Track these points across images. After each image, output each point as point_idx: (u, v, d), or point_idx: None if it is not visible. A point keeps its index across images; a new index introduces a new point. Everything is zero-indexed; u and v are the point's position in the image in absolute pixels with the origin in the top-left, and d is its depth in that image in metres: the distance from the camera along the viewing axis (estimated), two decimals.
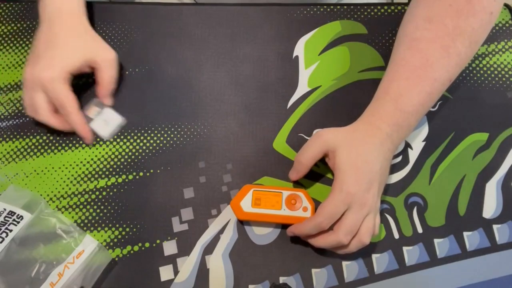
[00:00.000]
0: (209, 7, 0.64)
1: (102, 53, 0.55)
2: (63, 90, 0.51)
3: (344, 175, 0.46)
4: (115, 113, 0.56)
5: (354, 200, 0.45)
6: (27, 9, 0.64)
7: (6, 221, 0.49)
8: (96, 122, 0.55)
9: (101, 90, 0.56)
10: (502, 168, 0.55)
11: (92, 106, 0.56)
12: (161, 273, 0.50)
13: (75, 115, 0.53)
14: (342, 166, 0.46)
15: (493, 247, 0.51)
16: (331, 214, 0.45)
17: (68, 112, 0.52)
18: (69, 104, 0.52)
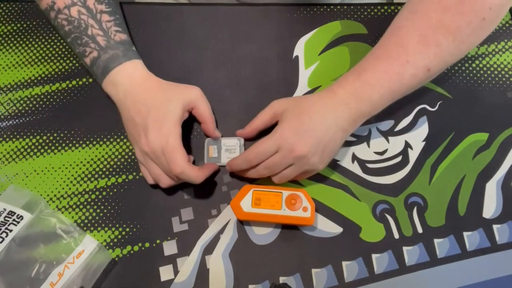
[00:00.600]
0: (209, 7, 0.64)
1: (191, 93, 0.52)
2: (181, 160, 0.48)
3: (283, 122, 0.49)
4: (230, 139, 0.55)
5: (285, 144, 0.47)
6: (27, 9, 0.64)
7: (6, 221, 0.49)
8: (223, 158, 0.54)
9: (208, 125, 0.53)
10: (502, 168, 0.55)
11: (209, 148, 0.55)
12: (161, 273, 0.50)
13: (203, 176, 0.50)
14: (285, 116, 0.49)
15: (493, 247, 0.51)
16: (260, 151, 0.48)
17: (195, 178, 0.49)
18: (192, 175, 0.48)
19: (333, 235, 0.52)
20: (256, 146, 0.49)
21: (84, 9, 0.52)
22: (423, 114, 0.57)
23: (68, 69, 0.60)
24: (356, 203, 0.53)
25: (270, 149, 0.48)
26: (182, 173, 0.47)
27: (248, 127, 0.54)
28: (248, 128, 0.54)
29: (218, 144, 0.55)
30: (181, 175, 0.47)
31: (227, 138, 0.55)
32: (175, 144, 0.48)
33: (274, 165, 0.48)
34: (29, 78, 0.60)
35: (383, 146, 0.56)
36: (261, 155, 0.48)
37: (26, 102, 0.59)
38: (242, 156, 0.50)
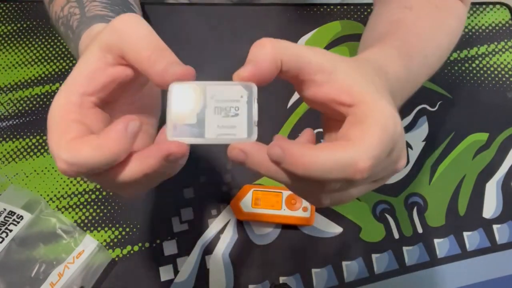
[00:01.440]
0: (209, 7, 0.64)
1: (109, 32, 0.41)
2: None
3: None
4: (224, 85, 0.27)
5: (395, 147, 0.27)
6: (27, 9, 0.64)
7: (6, 221, 0.49)
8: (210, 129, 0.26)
9: (147, 65, 0.31)
10: (502, 168, 0.55)
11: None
12: (161, 273, 0.50)
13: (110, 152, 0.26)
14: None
15: (493, 247, 0.51)
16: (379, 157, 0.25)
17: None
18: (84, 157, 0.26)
19: (333, 235, 0.52)
20: (375, 141, 0.24)
21: (75, 3, 0.45)
22: (423, 114, 0.57)
23: (68, 69, 0.60)
24: (356, 203, 0.53)
25: (384, 163, 0.26)
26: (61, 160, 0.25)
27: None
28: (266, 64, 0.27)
29: (198, 93, 0.26)
30: (66, 167, 0.25)
31: (218, 83, 0.26)
32: (52, 108, 0.26)
33: (376, 184, 0.29)
34: (29, 78, 0.60)
35: None
36: (382, 160, 0.25)
37: (26, 102, 0.59)
38: (317, 160, 0.24)
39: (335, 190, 0.26)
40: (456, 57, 0.60)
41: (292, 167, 0.24)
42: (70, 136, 0.25)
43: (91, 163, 0.24)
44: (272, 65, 0.27)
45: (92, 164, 0.24)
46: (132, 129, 0.25)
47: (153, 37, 0.28)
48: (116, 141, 0.24)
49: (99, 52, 0.27)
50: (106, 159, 0.24)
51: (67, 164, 0.25)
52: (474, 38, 0.62)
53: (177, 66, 0.26)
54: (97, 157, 0.24)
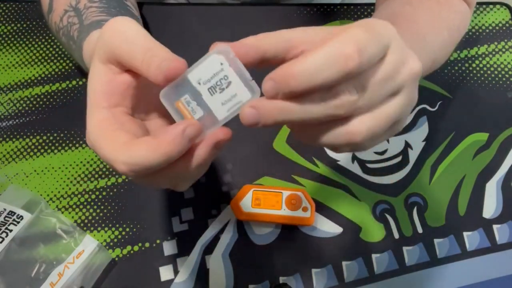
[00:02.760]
0: (209, 7, 0.64)
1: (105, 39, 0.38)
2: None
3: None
4: (206, 61, 0.27)
5: (394, 46, 0.25)
6: (27, 9, 0.64)
7: (6, 221, 0.49)
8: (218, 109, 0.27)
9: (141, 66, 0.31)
10: (502, 168, 0.55)
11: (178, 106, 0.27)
12: (161, 273, 0.50)
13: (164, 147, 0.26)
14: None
15: (493, 247, 0.51)
16: (370, 40, 0.24)
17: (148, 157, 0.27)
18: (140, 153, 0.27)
19: (333, 235, 0.52)
20: (355, 31, 0.23)
21: (72, 12, 0.46)
22: (423, 114, 0.57)
23: (68, 69, 0.60)
24: (356, 203, 0.53)
25: (383, 40, 0.24)
26: (121, 164, 0.26)
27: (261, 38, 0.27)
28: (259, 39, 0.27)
29: (187, 86, 0.26)
30: (130, 170, 0.26)
31: (194, 65, 0.27)
32: (91, 129, 0.29)
33: (380, 82, 0.25)
34: (29, 78, 0.60)
35: (383, 146, 0.56)
36: (374, 43, 0.24)
37: (26, 102, 0.59)
38: (325, 49, 0.23)
39: (348, 106, 0.24)
40: (456, 57, 0.60)
41: (286, 85, 0.23)
42: (122, 141, 0.26)
43: (148, 162, 0.25)
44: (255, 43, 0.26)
45: (149, 163, 0.25)
46: (189, 133, 0.25)
47: (141, 38, 0.27)
48: (172, 143, 0.25)
49: (102, 65, 0.28)
50: (161, 159, 0.25)
51: (125, 164, 0.25)
52: (474, 38, 0.62)
53: (166, 63, 0.26)
54: (153, 156, 0.25)
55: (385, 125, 0.26)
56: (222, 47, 0.25)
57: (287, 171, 0.54)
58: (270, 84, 0.24)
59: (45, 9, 0.50)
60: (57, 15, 0.47)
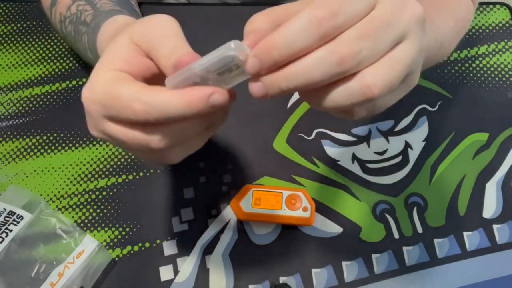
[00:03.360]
0: (209, 7, 0.64)
1: (144, 25, 0.36)
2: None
3: None
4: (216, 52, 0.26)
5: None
6: (27, 9, 0.64)
7: (6, 221, 0.49)
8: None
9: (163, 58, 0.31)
10: (502, 168, 0.55)
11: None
12: (161, 273, 0.50)
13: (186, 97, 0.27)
14: None
15: (493, 247, 0.51)
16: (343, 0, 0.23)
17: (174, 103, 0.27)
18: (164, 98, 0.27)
19: (333, 235, 0.52)
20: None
21: (83, 1, 0.47)
22: (423, 114, 0.57)
23: (68, 69, 0.60)
24: (356, 203, 0.53)
25: (353, 6, 0.24)
26: (140, 102, 0.26)
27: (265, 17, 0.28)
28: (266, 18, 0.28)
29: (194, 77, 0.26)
30: (146, 111, 0.26)
31: (203, 61, 0.25)
32: (101, 81, 0.28)
33: (380, 26, 0.24)
34: (29, 78, 0.60)
35: (383, 146, 0.56)
36: (348, 1, 0.23)
37: (26, 102, 0.59)
38: (299, 16, 0.23)
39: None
40: (456, 57, 0.60)
41: (270, 57, 0.24)
42: (143, 85, 0.27)
43: (167, 107, 0.25)
44: (270, 26, 0.27)
45: (168, 108, 0.25)
46: (213, 100, 0.26)
47: (177, 37, 0.29)
48: (196, 99, 0.25)
49: (132, 44, 0.29)
50: (182, 109, 0.25)
51: (144, 104, 0.25)
52: (474, 38, 0.62)
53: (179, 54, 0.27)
54: (175, 103, 0.25)
55: (399, 72, 0.25)
56: (231, 45, 0.25)
57: (287, 171, 0.54)
58: (252, 61, 0.24)
59: (46, 3, 0.50)
60: (63, 6, 0.48)
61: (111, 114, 0.28)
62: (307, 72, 0.24)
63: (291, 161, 0.55)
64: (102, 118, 0.29)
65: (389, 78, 0.24)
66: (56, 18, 0.50)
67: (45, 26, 0.63)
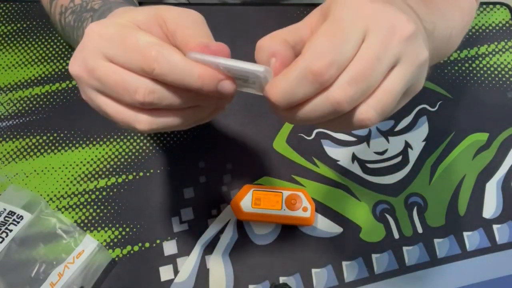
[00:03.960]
0: (209, 7, 0.64)
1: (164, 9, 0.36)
2: None
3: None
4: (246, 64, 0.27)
5: (376, 21, 0.25)
6: (27, 9, 0.64)
7: (6, 221, 0.49)
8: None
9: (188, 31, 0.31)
10: (502, 168, 0.55)
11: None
12: (161, 273, 0.50)
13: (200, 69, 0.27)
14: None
15: (493, 247, 0.51)
16: (334, 44, 0.24)
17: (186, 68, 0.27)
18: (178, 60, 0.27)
19: (333, 235, 0.52)
20: (319, 42, 0.25)
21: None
22: (423, 114, 0.57)
23: (68, 69, 0.60)
24: (356, 203, 0.53)
25: (352, 35, 0.25)
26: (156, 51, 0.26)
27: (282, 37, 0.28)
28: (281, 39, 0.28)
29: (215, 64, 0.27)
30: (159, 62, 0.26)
31: (231, 64, 0.27)
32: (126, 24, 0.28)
33: (370, 65, 0.25)
34: (29, 78, 0.60)
35: (383, 146, 0.56)
36: (338, 50, 0.24)
37: (26, 102, 0.59)
38: (296, 69, 0.25)
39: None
40: (456, 57, 0.60)
41: (274, 105, 0.26)
42: (161, 40, 0.27)
43: (181, 70, 0.26)
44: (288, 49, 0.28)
45: (180, 71, 0.26)
46: (223, 86, 0.26)
47: (203, 30, 0.30)
48: (209, 76, 0.26)
49: (156, 15, 0.29)
50: (192, 77, 0.26)
51: (160, 54, 0.26)
52: (474, 38, 0.62)
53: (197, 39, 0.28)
54: (188, 69, 0.26)
55: (394, 99, 0.26)
56: (261, 70, 0.26)
57: (287, 171, 0.54)
58: (267, 89, 0.27)
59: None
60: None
61: (115, 54, 0.27)
62: (306, 116, 0.26)
63: (291, 161, 0.55)
64: (98, 60, 0.27)
65: (384, 108, 0.26)
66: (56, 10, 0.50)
67: (45, 26, 0.63)
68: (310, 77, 0.24)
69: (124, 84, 0.27)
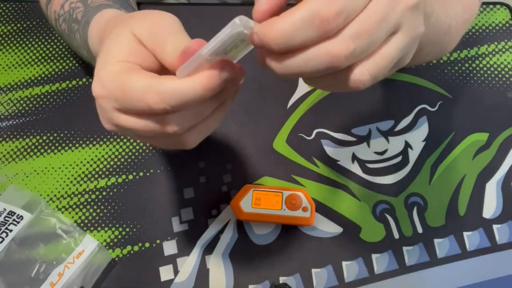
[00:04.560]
0: (209, 7, 0.64)
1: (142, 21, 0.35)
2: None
3: None
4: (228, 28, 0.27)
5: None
6: (27, 9, 0.64)
7: (6, 221, 0.49)
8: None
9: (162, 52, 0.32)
10: (502, 168, 0.55)
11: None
12: (161, 273, 0.50)
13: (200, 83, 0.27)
14: None
15: (493, 247, 0.51)
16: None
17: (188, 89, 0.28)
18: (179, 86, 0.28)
19: (333, 235, 0.52)
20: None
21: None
22: (423, 114, 0.57)
23: (68, 69, 0.60)
24: (356, 203, 0.53)
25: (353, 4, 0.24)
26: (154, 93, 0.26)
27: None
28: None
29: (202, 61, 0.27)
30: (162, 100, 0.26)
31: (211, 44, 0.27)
32: (110, 75, 0.28)
33: (376, 23, 0.24)
34: (29, 78, 0.60)
35: (383, 146, 0.56)
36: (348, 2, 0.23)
37: (26, 102, 0.59)
38: (302, 11, 0.23)
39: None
40: (456, 57, 0.61)
41: (267, 45, 0.24)
42: (153, 75, 0.28)
43: (181, 92, 0.26)
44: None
45: (185, 95, 0.26)
46: (225, 74, 0.27)
47: (182, 36, 0.30)
48: (210, 80, 0.26)
49: (134, 37, 0.30)
50: (198, 92, 0.26)
51: (160, 94, 0.26)
52: (474, 38, 0.62)
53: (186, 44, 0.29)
54: (191, 90, 0.26)
55: (388, 66, 0.26)
56: (237, 22, 0.25)
57: (287, 171, 0.54)
58: (255, 37, 0.25)
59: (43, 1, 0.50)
60: (57, 4, 0.48)
61: (124, 107, 0.28)
62: (301, 66, 0.25)
63: (291, 161, 0.55)
64: (114, 111, 0.29)
65: (378, 73, 0.25)
66: (51, 16, 0.50)
67: (45, 26, 0.63)
68: (316, 22, 0.23)
69: (150, 129, 0.29)
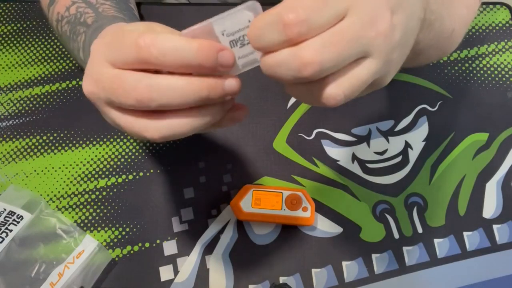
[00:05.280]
0: (209, 7, 0.64)
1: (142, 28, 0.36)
2: None
3: None
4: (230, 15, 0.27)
5: (359, 5, 0.25)
6: (27, 9, 0.64)
7: (6, 221, 0.49)
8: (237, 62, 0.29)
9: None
10: (502, 168, 0.55)
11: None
12: (161, 273, 0.50)
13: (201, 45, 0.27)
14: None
15: (493, 247, 0.51)
16: (312, 8, 0.24)
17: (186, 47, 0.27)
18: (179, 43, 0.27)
19: (333, 235, 0.52)
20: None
21: (83, 4, 0.48)
22: (423, 114, 0.57)
23: (68, 69, 0.60)
24: (356, 203, 0.53)
25: (335, 6, 0.24)
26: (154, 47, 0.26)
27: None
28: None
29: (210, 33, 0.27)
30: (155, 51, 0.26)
31: (222, 16, 0.27)
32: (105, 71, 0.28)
33: (346, 41, 0.24)
34: (29, 78, 0.60)
35: (383, 146, 0.56)
36: (316, 11, 0.24)
37: (26, 102, 0.59)
38: (271, 14, 0.24)
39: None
40: (456, 57, 0.61)
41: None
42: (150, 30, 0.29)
43: (180, 51, 0.26)
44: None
45: (173, 49, 0.26)
46: (222, 57, 0.27)
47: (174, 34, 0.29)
48: (207, 48, 0.26)
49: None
50: (191, 52, 0.26)
51: (155, 47, 0.26)
52: (474, 38, 0.62)
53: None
54: (187, 48, 0.26)
55: (361, 87, 0.26)
56: (253, 4, 0.25)
57: (287, 171, 0.54)
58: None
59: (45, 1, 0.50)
60: (62, 6, 0.48)
61: (115, 56, 0.28)
62: (271, 69, 0.25)
63: (291, 161, 0.55)
64: (102, 68, 0.28)
65: (350, 92, 0.26)
66: (53, 16, 0.50)
67: (45, 26, 0.63)
68: (280, 26, 0.24)
69: (124, 84, 0.27)
